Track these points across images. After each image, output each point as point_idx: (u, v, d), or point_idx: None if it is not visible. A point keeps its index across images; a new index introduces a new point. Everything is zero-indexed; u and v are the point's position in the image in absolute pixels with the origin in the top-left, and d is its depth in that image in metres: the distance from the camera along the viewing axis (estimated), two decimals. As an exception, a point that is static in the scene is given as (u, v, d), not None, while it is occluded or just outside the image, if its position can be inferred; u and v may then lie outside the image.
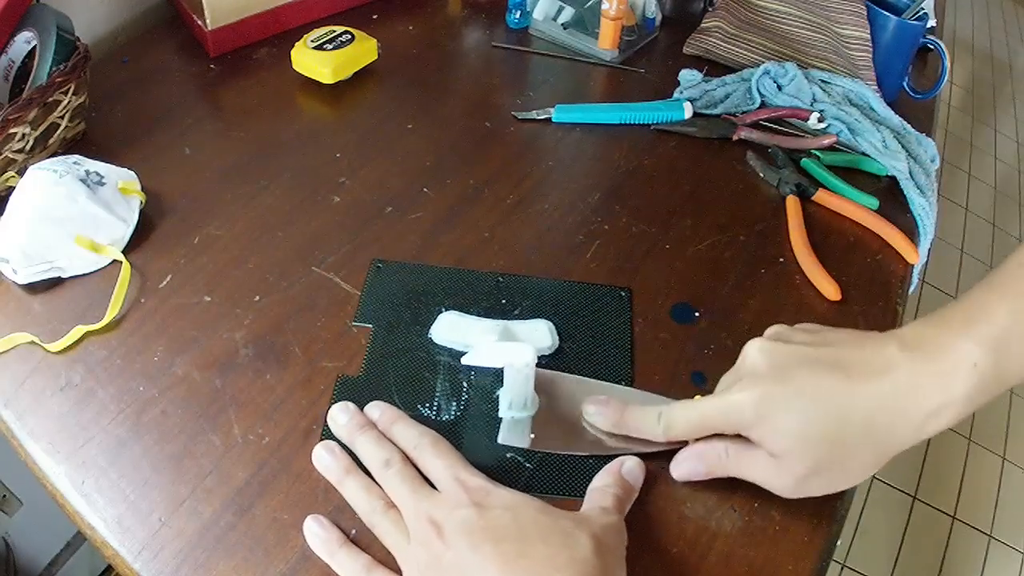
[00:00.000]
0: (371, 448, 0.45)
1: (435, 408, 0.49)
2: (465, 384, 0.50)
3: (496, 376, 0.50)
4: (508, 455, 0.47)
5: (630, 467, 0.46)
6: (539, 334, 0.51)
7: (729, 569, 0.43)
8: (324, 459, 0.45)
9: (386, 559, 0.42)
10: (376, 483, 0.44)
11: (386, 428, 0.46)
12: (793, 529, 0.45)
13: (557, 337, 0.51)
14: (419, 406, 0.49)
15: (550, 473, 0.46)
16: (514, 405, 0.43)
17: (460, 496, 0.41)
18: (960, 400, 0.38)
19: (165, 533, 0.43)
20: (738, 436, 0.43)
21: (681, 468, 0.46)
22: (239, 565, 0.42)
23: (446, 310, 0.54)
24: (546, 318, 0.54)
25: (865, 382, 0.39)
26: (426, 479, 0.43)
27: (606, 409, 0.47)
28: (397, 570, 0.41)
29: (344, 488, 0.44)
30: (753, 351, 0.43)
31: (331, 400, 0.49)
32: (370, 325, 0.54)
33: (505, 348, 0.44)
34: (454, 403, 0.49)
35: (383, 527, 0.42)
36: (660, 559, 0.43)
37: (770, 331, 0.45)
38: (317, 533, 0.43)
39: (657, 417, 0.45)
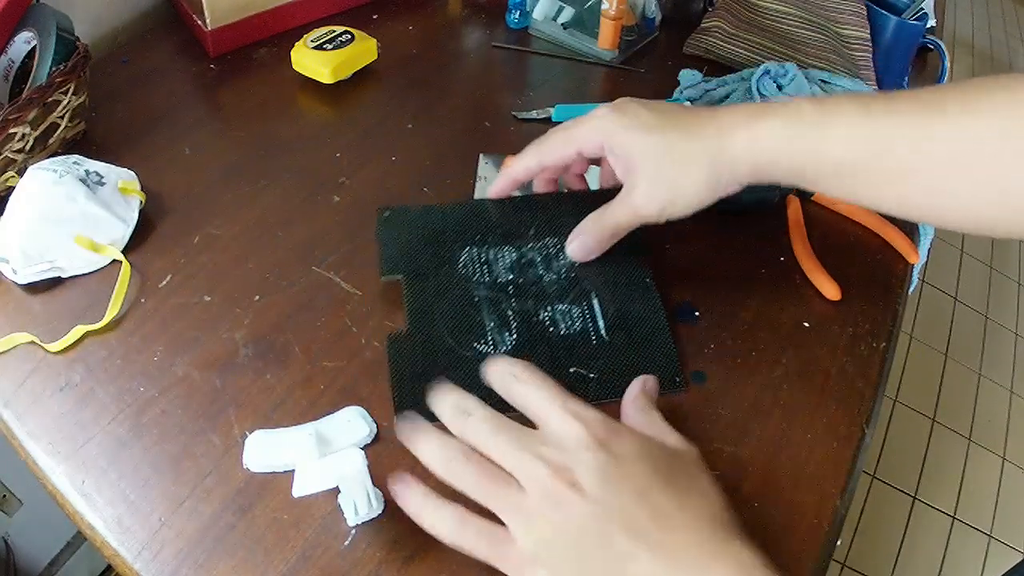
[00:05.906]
0: (444, 400, 0.40)
1: (491, 343, 0.49)
2: (510, 313, 0.51)
3: (536, 297, 0.52)
4: (571, 369, 0.48)
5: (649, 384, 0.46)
6: (353, 425, 0.47)
7: (729, 569, 0.43)
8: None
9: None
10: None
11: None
12: (793, 529, 0.45)
13: (373, 422, 0.48)
14: (475, 344, 0.49)
15: (613, 381, 0.48)
16: (359, 510, 0.42)
17: (580, 434, 0.36)
18: (756, 146, 0.46)
19: (165, 533, 0.43)
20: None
21: (573, 244, 0.52)
22: (239, 565, 0.42)
23: (465, 245, 0.54)
24: (560, 235, 0.54)
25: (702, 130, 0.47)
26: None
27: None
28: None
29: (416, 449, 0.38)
30: (635, 106, 0.49)
31: (389, 364, 0.49)
32: (399, 276, 0.53)
33: (332, 463, 0.41)
34: (506, 333, 0.50)
35: (467, 480, 0.36)
36: (660, 559, 0.43)
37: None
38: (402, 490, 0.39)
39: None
